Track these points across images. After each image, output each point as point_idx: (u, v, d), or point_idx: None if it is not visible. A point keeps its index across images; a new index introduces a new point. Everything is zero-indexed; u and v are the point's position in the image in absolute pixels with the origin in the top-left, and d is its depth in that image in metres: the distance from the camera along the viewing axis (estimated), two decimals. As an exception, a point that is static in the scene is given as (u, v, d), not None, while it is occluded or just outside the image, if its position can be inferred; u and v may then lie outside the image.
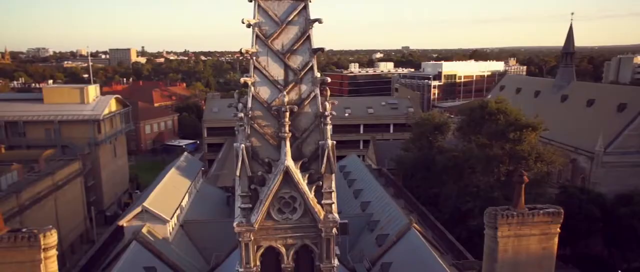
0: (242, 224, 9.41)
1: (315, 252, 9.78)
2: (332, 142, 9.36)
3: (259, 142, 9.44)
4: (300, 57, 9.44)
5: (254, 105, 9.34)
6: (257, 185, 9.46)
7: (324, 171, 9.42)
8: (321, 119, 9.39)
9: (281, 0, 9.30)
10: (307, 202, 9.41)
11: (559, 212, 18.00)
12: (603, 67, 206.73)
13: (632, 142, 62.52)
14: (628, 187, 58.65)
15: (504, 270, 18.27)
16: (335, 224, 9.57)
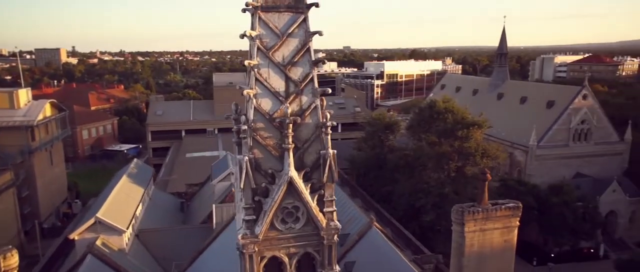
0: (246, 236, 9.40)
1: (317, 259, 9.97)
2: (333, 151, 9.59)
3: (261, 153, 9.48)
4: (300, 69, 9.58)
5: (256, 117, 9.36)
6: (260, 196, 9.49)
7: (326, 180, 9.64)
8: (322, 129, 9.58)
9: (281, 12, 9.38)
10: (310, 211, 9.57)
11: (518, 206, 19.26)
12: (529, 66, 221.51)
13: (560, 136, 67.79)
14: (558, 178, 63.65)
15: (470, 264, 19.24)
16: (337, 231, 9.82)
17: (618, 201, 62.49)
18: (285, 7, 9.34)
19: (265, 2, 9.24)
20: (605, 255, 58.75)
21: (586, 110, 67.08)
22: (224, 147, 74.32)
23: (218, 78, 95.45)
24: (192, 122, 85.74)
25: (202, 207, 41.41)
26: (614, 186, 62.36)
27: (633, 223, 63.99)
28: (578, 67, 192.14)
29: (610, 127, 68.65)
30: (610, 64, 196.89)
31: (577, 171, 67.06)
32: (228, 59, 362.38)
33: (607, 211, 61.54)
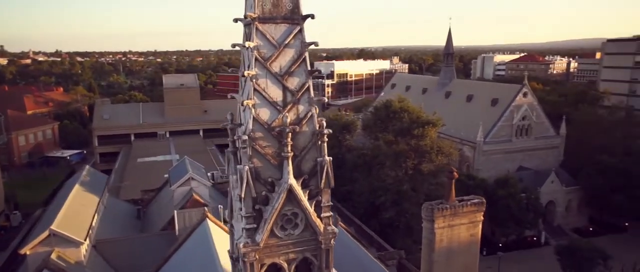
0: (248, 244, 9.50)
1: (315, 263, 10.23)
2: (329, 158, 9.89)
3: (260, 162, 9.60)
4: (297, 79, 9.79)
5: (255, 126, 9.47)
6: (260, 204, 9.61)
7: (323, 186, 9.91)
8: (318, 136, 9.85)
9: (278, 24, 9.54)
10: (309, 217, 9.82)
11: (482, 202, 20.46)
12: (471, 65, 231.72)
13: (504, 131, 71.76)
14: (503, 171, 67.37)
15: (440, 258, 20.19)
16: (334, 235, 10.13)
17: (556, 191, 67.15)
18: (282, 19, 9.52)
19: (262, 13, 9.37)
20: (546, 242, 62.96)
21: (526, 107, 71.47)
22: (176, 151, 72.42)
23: (168, 80, 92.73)
24: (142, 125, 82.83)
25: (161, 214, 40.29)
26: (552, 178, 66.93)
27: (569, 211, 68.97)
28: (515, 65, 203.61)
29: (548, 123, 73.53)
30: (543, 63, 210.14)
31: (519, 164, 71.33)
32: (174, 59, 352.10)
33: (547, 200, 65.95)
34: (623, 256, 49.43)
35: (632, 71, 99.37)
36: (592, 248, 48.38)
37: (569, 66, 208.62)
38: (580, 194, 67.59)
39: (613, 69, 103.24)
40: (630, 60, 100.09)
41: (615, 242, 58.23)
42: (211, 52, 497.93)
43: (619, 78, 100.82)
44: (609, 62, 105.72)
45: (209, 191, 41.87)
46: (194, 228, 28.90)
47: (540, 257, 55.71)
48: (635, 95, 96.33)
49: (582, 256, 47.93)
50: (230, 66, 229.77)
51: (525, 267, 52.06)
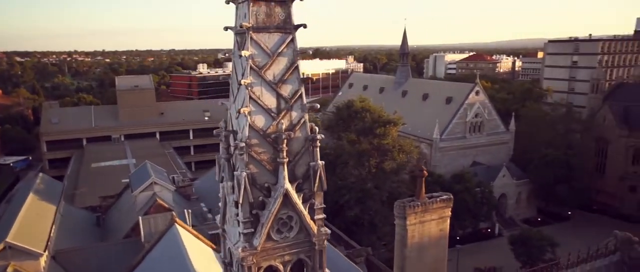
0: (246, 248, 9.70)
1: (309, 264, 10.57)
2: (322, 162, 10.26)
3: (256, 168, 9.83)
4: (290, 86, 10.08)
5: (251, 133, 9.69)
6: (257, 209, 9.84)
7: (317, 189, 10.28)
8: (311, 142, 10.20)
9: (271, 33, 9.78)
10: (303, 219, 10.15)
11: (450, 198, 21.44)
12: (424, 64, 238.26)
13: (459, 129, 74.64)
14: (458, 167, 70.09)
15: (412, 253, 21.01)
16: (327, 236, 10.51)
17: (507, 184, 70.72)
18: (275, 28, 9.78)
19: (256, 23, 9.60)
20: (500, 233, 66.23)
21: (479, 105, 74.74)
22: (133, 154, 70.22)
23: (121, 81, 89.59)
24: (95, 129, 79.62)
25: (123, 221, 39.18)
26: (503, 172, 70.43)
27: (519, 203, 72.84)
28: (465, 64, 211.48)
29: (498, 120, 77.23)
30: (490, 62, 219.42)
31: (473, 159, 74.51)
32: (124, 59, 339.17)
33: (499, 193, 69.33)
34: (569, 243, 52.72)
35: (571, 70, 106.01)
36: (541, 237, 51.45)
37: (514, 65, 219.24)
38: (529, 187, 71.54)
39: (554, 68, 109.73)
40: (568, 60, 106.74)
41: (561, 230, 62.18)
42: (163, 52, 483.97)
43: (559, 76, 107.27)
44: (550, 61, 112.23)
45: (172, 196, 41.15)
46: (162, 234, 28.41)
47: (495, 248, 58.53)
48: (574, 92, 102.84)
49: (533, 245, 50.91)
50: (184, 67, 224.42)
51: (482, 257, 54.53)
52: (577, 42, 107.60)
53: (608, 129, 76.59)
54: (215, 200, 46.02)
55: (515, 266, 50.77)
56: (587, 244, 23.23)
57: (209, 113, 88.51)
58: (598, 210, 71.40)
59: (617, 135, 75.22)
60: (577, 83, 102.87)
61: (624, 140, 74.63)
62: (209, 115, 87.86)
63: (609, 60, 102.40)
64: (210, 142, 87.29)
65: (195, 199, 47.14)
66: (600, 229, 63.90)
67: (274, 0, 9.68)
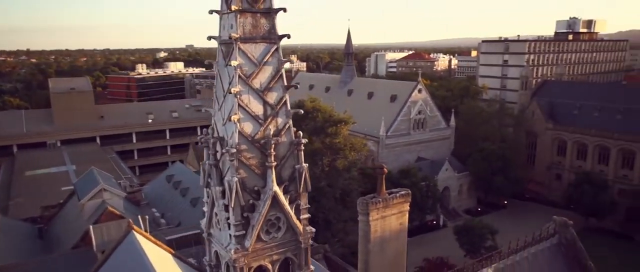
0: (238, 250, 10.10)
1: (295, 262, 11.14)
2: (306, 164, 10.86)
3: (246, 173, 10.24)
4: (275, 93, 10.58)
5: (240, 140, 10.09)
6: (248, 212, 10.27)
7: (302, 190, 10.87)
8: (295, 146, 10.77)
9: (257, 43, 10.22)
10: (290, 220, 10.71)
11: (408, 193, 22.74)
12: (365, 63, 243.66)
13: (403, 126, 77.55)
14: (404, 163, 72.91)
15: (375, 248, 22.10)
16: (312, 234, 11.14)
17: (450, 177, 74.47)
18: (261, 38, 10.23)
19: (243, 34, 10.00)
20: (444, 224, 69.69)
21: (421, 103, 78.04)
22: (72, 161, 66.65)
23: (56, 84, 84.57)
24: (27, 135, 74.62)
25: (70, 231, 37.41)
26: (446, 166, 74.08)
27: (461, 195, 76.93)
28: (405, 63, 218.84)
29: (440, 116, 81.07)
30: (428, 60, 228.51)
31: (418, 155, 77.73)
32: (53, 59, 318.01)
33: (443, 187, 72.87)
34: (507, 230, 56.74)
35: (502, 68, 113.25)
36: (482, 226, 54.85)
37: (451, 63, 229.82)
38: (469, 179, 75.76)
39: (488, 66, 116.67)
40: (500, 58, 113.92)
41: (499, 218, 66.59)
42: (97, 52, 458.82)
43: (492, 74, 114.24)
44: (484, 60, 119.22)
45: (123, 202, 39.83)
46: (119, 242, 27.66)
47: (441, 238, 61.61)
48: (506, 89, 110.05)
49: (475, 234, 54.21)
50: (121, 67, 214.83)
51: (430, 248, 57.19)
52: (507, 42, 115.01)
53: (536, 123, 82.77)
54: (167, 205, 45.45)
55: (460, 254, 53.83)
56: (522, 230, 25.41)
57: (153, 115, 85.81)
58: (530, 198, 77.10)
59: (544, 128, 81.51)
60: (508, 80, 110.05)
61: (550, 133, 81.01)
62: (152, 117, 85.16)
63: (535, 60, 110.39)
64: (155, 145, 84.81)
65: (145, 204, 45.88)
66: (532, 215, 69.46)
67: (259, 12, 10.15)
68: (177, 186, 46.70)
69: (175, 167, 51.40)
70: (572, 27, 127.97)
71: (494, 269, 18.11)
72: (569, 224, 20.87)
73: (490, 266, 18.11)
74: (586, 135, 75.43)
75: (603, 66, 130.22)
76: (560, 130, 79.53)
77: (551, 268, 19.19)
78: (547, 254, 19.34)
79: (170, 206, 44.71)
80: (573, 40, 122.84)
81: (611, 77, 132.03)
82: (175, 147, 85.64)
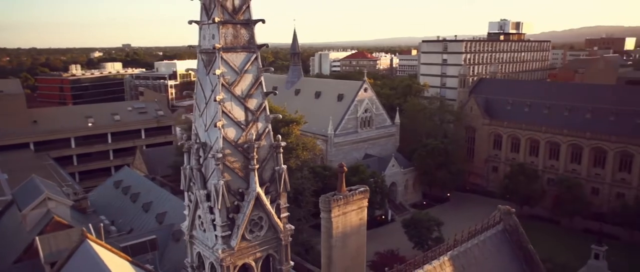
0: (225, 250, 10.57)
1: (276, 258, 11.78)
2: (285, 166, 11.54)
3: (230, 176, 10.74)
4: (255, 100, 11.14)
5: (224, 144, 10.57)
6: (232, 213, 10.77)
7: (282, 190, 11.53)
8: (275, 148, 11.41)
9: (238, 52, 10.72)
10: (272, 219, 11.34)
11: (367, 189, 23.93)
12: (309, 62, 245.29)
13: (351, 124, 79.44)
14: (353, 160, 74.80)
15: (337, 243, 23.09)
16: (291, 231, 11.82)
17: (396, 173, 77.27)
18: (241, 48, 10.75)
19: (225, 44, 10.48)
20: (392, 218, 72.27)
21: (368, 101, 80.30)
22: (2, 169, 62.30)
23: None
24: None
25: (10, 243, 35.39)
26: (392, 162, 76.79)
27: (407, 189, 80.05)
28: (348, 62, 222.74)
29: (385, 114, 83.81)
30: (371, 59, 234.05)
31: (365, 152, 79.98)
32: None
33: (390, 182, 75.48)
34: (451, 221, 60.13)
35: (442, 67, 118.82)
36: (429, 218, 57.60)
37: (392, 62, 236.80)
38: (414, 174, 78.99)
39: (428, 65, 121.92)
40: (440, 58, 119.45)
41: (443, 211, 70.20)
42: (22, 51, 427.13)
43: (433, 73, 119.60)
44: (425, 59, 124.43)
45: (69, 211, 38.19)
46: (72, 251, 26.84)
47: (391, 232, 63.93)
48: (445, 87, 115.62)
49: (423, 226, 56.84)
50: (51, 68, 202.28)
51: (380, 242, 59.31)
52: (446, 42, 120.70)
53: (474, 119, 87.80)
54: (117, 212, 44.22)
55: (409, 246, 56.29)
56: (465, 220, 27.39)
57: (93, 119, 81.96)
58: (470, 190, 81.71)
59: (481, 123, 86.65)
60: (447, 78, 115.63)
61: (486, 127, 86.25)
62: (92, 121, 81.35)
63: (471, 59, 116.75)
64: (96, 150, 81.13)
65: (92, 212, 44.10)
66: (473, 206, 73.79)
67: (239, 23, 10.69)
68: (126, 192, 45.30)
69: (123, 172, 49.71)
70: (503, 28, 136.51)
71: (449, 256, 19.64)
72: (511, 212, 22.96)
73: (445, 254, 19.61)
74: (518, 129, 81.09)
75: (530, 65, 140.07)
76: (496, 125, 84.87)
77: (498, 252, 21.08)
78: (494, 240, 21.21)
79: (120, 212, 43.33)
80: (504, 40, 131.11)
81: (537, 75, 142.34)
82: (118, 152, 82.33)
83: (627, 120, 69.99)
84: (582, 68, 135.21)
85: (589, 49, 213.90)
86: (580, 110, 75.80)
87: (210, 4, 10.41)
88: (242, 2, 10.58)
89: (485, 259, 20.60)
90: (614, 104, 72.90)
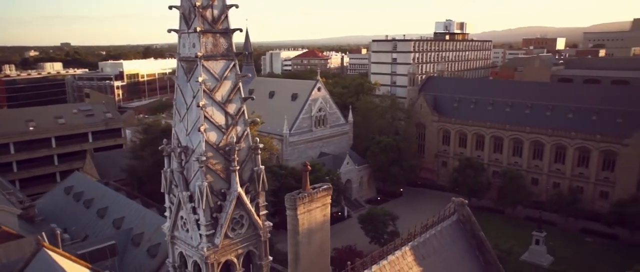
0: (210, 247, 11.10)
1: (256, 254, 12.42)
2: (263, 167, 12.21)
3: (212, 177, 11.27)
4: (234, 105, 11.73)
5: (207, 148, 11.09)
6: (216, 213, 11.31)
7: (261, 190, 12.20)
8: (253, 150, 12.06)
9: (218, 60, 11.25)
10: (252, 217, 11.98)
11: (330, 187, 24.91)
12: (261, 61, 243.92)
13: (305, 123, 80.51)
14: (308, 159, 75.80)
15: (303, 239, 23.97)
16: (270, 228, 12.51)
17: (351, 170, 79.15)
18: (221, 56, 11.29)
19: (206, 52, 10.99)
20: (348, 214, 74.01)
21: (321, 100, 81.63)
22: None
23: None
24: None
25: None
26: (347, 159, 78.59)
27: (362, 186, 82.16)
28: (299, 61, 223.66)
29: (339, 113, 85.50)
30: (322, 58, 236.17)
31: (320, 151, 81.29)
32: None
33: (345, 179, 77.22)
34: (405, 214, 62.60)
35: (392, 66, 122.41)
36: (384, 213, 59.68)
37: (343, 61, 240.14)
38: (368, 171, 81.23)
39: (379, 64, 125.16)
40: (389, 57, 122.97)
41: (397, 205, 72.81)
42: None
43: (383, 71, 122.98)
44: (375, 58, 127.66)
45: (17, 220, 36.64)
46: (28, 262, 26.11)
47: (347, 228, 65.53)
48: (396, 85, 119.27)
49: (378, 221, 58.80)
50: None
51: (338, 238, 60.60)
52: (395, 41, 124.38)
53: (424, 116, 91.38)
54: (69, 219, 43.19)
55: (366, 241, 58.08)
56: (418, 213, 28.96)
57: (34, 122, 77.91)
58: (422, 184, 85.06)
59: (431, 120, 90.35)
60: (397, 77, 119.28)
61: (435, 124, 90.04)
62: (34, 125, 77.33)
63: (419, 57, 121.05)
64: (39, 155, 77.26)
65: (41, 220, 42.33)
66: (425, 200, 77.04)
67: (219, 32, 11.26)
68: (78, 198, 43.80)
69: (74, 177, 47.95)
70: (448, 28, 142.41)
71: (410, 247, 20.98)
72: (464, 203, 24.71)
73: (407, 244, 20.93)
74: (465, 125, 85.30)
75: (474, 63, 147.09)
76: (444, 122, 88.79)
77: (454, 241, 22.72)
78: (449, 230, 22.82)
79: (73, 219, 41.87)
80: (450, 40, 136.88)
81: (481, 73, 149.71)
82: (63, 157, 78.77)
83: (561, 115, 75.59)
84: (521, 66, 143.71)
85: (526, 48, 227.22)
86: (520, 107, 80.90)
87: (190, 14, 10.89)
88: (221, 12, 11.14)
89: (443, 248, 22.13)
90: (550, 101, 78.45)
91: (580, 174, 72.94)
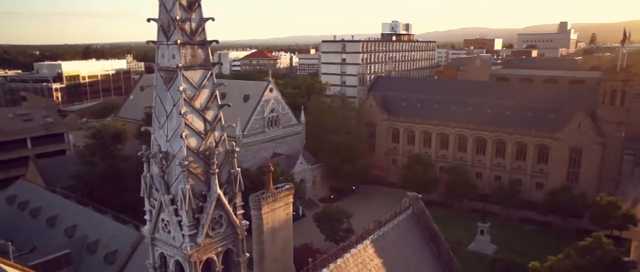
0: (192, 247, 11.73)
1: (234, 251, 13.17)
2: (239, 169, 12.99)
3: (193, 181, 11.92)
4: (212, 111, 12.41)
5: (188, 153, 11.71)
6: (197, 214, 11.96)
7: (237, 191, 12.97)
8: (230, 154, 12.81)
9: (196, 70, 11.89)
10: (230, 216, 12.73)
11: (292, 187, 25.86)
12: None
13: (258, 124, 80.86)
14: (262, 160, 76.32)
15: (267, 238, 24.86)
16: (246, 226, 13.30)
17: (304, 170, 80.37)
18: (199, 66, 11.93)
19: (185, 63, 11.62)
20: (303, 214, 75.17)
21: (273, 101, 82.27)
22: None
23: None
24: None
25: None
26: (300, 159, 79.73)
27: (315, 185, 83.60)
28: (248, 61, 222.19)
29: (291, 113, 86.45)
30: (271, 58, 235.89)
31: (274, 151, 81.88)
32: None
33: (299, 179, 78.33)
34: (359, 211, 64.52)
35: (341, 66, 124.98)
36: (338, 211, 61.31)
37: (292, 61, 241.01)
38: (321, 170, 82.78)
39: (328, 64, 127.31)
40: (339, 57, 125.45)
41: (350, 203, 74.77)
42: None
43: (333, 72, 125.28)
44: (325, 59, 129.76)
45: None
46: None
47: (303, 227, 66.50)
48: (345, 85, 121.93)
49: (333, 219, 60.36)
50: None
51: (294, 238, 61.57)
52: (344, 42, 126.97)
53: (374, 115, 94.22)
54: (13, 230, 41.96)
55: (322, 238, 59.47)
56: (371, 210, 30.51)
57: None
58: (373, 181, 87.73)
59: (380, 119, 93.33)
60: (347, 77, 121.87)
61: (385, 122, 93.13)
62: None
63: (368, 58, 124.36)
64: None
65: (-16, 232, 40.13)
66: (377, 196, 79.64)
67: (197, 44, 11.93)
68: (23, 207, 41.91)
69: (17, 185, 45.72)
70: (395, 29, 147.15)
71: (371, 240, 22.37)
72: (418, 198, 26.49)
73: (367, 238, 22.30)
74: (413, 123, 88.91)
75: (420, 63, 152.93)
76: (393, 120, 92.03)
77: (410, 233, 24.39)
78: (405, 223, 24.45)
79: (18, 230, 40.05)
80: (396, 41, 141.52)
81: (426, 73, 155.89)
82: (2, 164, 74.36)
83: (500, 112, 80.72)
84: (463, 66, 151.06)
85: (467, 49, 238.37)
86: (464, 105, 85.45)
87: (169, 26, 11.48)
88: (198, 25, 11.81)
89: (400, 240, 23.72)
90: (490, 99, 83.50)
91: (519, 167, 78.33)
